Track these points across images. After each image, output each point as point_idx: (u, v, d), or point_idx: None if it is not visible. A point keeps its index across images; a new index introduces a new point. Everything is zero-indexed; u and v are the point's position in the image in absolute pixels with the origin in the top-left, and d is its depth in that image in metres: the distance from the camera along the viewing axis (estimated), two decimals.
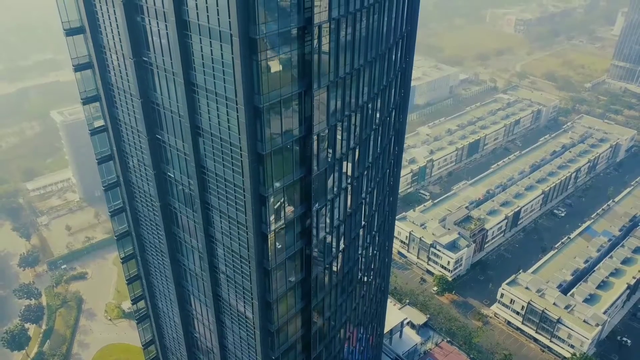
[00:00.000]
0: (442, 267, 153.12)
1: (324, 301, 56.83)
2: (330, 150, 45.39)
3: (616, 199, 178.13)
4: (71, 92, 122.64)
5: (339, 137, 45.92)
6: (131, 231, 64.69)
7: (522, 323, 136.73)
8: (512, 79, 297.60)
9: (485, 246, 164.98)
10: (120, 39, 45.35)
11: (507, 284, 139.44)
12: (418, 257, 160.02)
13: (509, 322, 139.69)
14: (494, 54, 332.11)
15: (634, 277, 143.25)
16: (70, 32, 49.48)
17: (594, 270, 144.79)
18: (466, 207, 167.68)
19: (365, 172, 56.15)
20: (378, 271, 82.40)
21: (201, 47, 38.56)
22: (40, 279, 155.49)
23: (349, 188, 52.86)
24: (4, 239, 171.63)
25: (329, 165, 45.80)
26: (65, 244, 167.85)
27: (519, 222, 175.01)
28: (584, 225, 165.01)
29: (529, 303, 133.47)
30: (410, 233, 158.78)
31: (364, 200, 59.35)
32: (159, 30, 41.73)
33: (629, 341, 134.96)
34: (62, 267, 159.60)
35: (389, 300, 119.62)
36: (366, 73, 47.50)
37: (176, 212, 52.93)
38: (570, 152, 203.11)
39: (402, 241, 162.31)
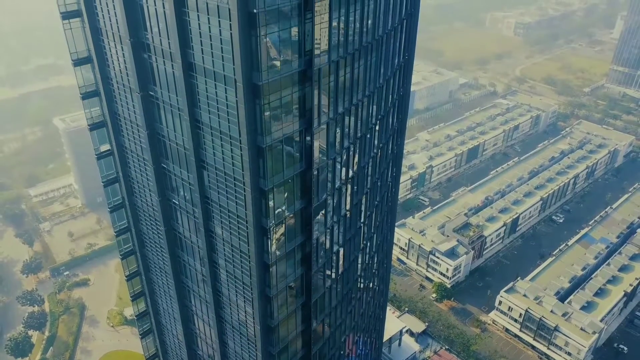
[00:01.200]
0: (441, 274, 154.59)
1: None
2: (330, 180, 46.75)
3: (614, 206, 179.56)
4: (72, 97, 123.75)
5: (338, 166, 47.18)
6: (136, 250, 66.00)
7: (520, 330, 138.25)
8: (512, 83, 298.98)
9: (484, 253, 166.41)
10: (127, 73, 46.89)
11: (505, 291, 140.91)
12: (417, 264, 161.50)
13: (507, 329, 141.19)
14: (494, 58, 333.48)
15: (630, 285, 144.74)
16: (78, 62, 50.99)
17: (592, 278, 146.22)
18: (465, 214, 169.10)
19: (365, 194, 57.04)
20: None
21: (206, 87, 40.09)
22: (43, 286, 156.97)
23: (348, 214, 53.95)
24: (7, 245, 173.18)
25: (328, 194, 47.24)
26: (67, 251, 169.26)
27: (517, 229, 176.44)
28: (582, 232, 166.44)
29: (526, 310, 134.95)
30: (409, 240, 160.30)
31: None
32: (165, 68, 43.28)
33: (625, 348, 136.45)
34: (65, 273, 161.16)
35: (388, 308, 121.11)
36: (364, 107, 48.99)
37: (181, 236, 54.42)
38: (568, 158, 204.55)
39: (401, 248, 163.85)
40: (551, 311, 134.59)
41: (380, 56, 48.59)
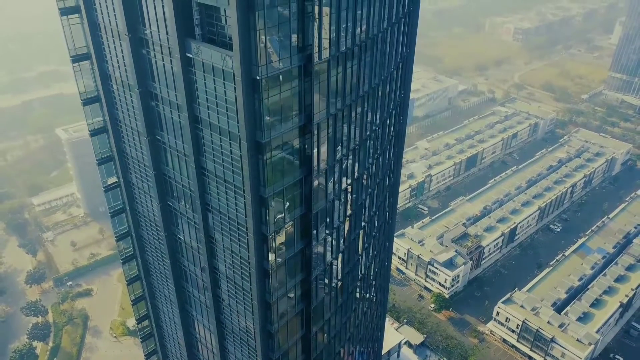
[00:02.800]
0: (440, 284, 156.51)
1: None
2: (329, 221, 48.63)
3: (611, 215, 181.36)
4: (74, 104, 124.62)
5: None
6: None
7: (517, 341, 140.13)
8: (511, 90, 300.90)
9: (482, 263, 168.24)
10: (135, 118, 48.91)
11: (503, 302, 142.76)
12: (416, 274, 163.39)
13: (504, 340, 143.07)
14: (493, 64, 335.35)
15: (626, 296, 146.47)
16: (87, 101, 53.01)
17: (588, 289, 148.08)
18: (463, 224, 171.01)
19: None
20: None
21: (212, 140, 42.09)
22: (47, 296, 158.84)
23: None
24: (10, 255, 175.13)
25: (327, 234, 49.20)
26: (70, 260, 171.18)
27: (515, 238, 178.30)
28: (579, 242, 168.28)
29: (523, 322, 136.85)
30: (408, 250, 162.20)
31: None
32: (172, 117, 45.31)
33: (621, 359, 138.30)
34: (68, 284, 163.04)
35: (387, 319, 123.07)
36: (361, 151, 51.04)
37: (185, 269, 56.43)
38: (566, 166, 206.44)
39: (400, 258, 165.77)
40: (548, 322, 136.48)
41: (374, 112, 49.75)
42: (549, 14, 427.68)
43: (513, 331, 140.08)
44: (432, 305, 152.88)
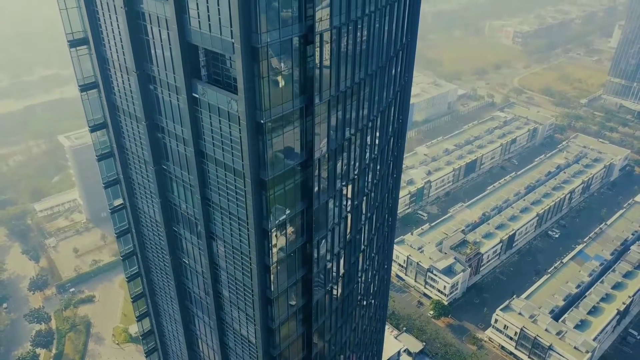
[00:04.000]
0: (439, 291, 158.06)
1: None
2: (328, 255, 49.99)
3: (608, 222, 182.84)
4: (76, 109, 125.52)
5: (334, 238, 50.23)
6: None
7: (516, 348, 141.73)
8: (510, 94, 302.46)
9: (481, 269, 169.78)
10: (142, 148, 50.46)
11: (501, 309, 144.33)
12: (415, 281, 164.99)
13: (502, 347, 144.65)
14: (492, 68, 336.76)
15: (623, 303, 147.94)
16: (94, 128, 54.59)
17: (586, 296, 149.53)
18: (462, 231, 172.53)
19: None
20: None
21: (217, 174, 43.66)
22: (50, 302, 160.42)
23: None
24: (14, 261, 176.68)
25: (328, 261, 50.74)
26: (72, 267, 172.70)
27: (513, 245, 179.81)
28: (577, 249, 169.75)
29: (521, 329, 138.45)
30: (408, 257, 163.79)
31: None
32: (178, 149, 46.88)
33: None
34: (71, 290, 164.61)
35: (386, 327, 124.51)
36: (358, 181, 52.59)
37: (190, 291, 57.99)
38: (564, 172, 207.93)
39: (400, 264, 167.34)
40: (546, 330, 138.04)
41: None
42: (549, 17, 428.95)
43: (511, 338, 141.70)
44: (431, 312, 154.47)
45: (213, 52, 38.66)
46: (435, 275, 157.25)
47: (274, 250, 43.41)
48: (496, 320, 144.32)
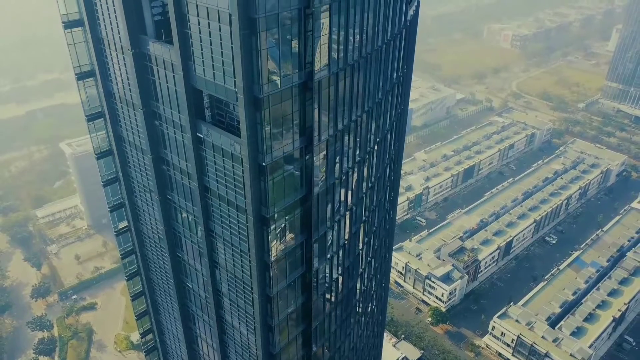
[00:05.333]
0: (437, 297, 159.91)
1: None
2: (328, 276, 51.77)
3: (605, 228, 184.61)
4: (77, 114, 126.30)
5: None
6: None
7: (513, 355, 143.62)
8: (508, 99, 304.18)
9: (479, 276, 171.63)
10: (147, 177, 52.22)
11: (498, 316, 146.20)
12: (414, 287, 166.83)
13: (500, 354, 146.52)
14: (491, 72, 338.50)
15: (619, 310, 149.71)
16: (100, 155, 56.36)
17: (582, 303, 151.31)
18: (460, 238, 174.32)
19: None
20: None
21: (220, 208, 45.41)
22: (52, 309, 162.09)
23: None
24: (16, 268, 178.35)
25: (325, 291, 52.51)
26: (74, 273, 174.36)
27: (511, 251, 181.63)
28: (573, 256, 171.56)
29: (518, 336, 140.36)
30: (406, 264, 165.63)
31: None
32: (182, 182, 48.66)
33: None
34: (73, 297, 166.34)
35: (384, 335, 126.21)
36: (357, 210, 54.55)
37: (193, 314, 59.80)
38: (562, 178, 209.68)
39: (398, 271, 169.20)
40: (542, 337, 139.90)
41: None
42: (547, 20, 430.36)
43: (508, 345, 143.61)
44: (430, 319, 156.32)
45: (217, 97, 40.42)
46: (433, 282, 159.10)
47: (274, 281, 45.19)
48: (493, 328, 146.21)
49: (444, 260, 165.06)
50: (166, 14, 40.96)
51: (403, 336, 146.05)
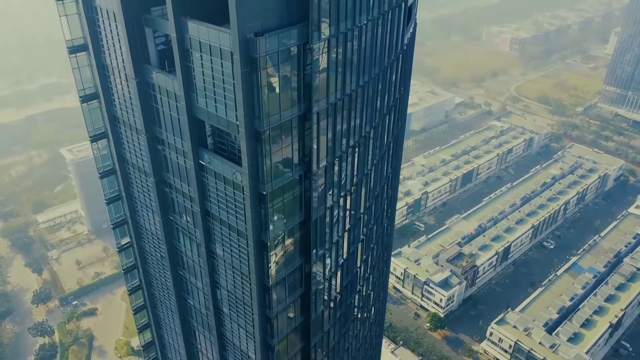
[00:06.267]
0: (435, 303, 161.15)
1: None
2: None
3: (602, 234, 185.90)
4: (77, 119, 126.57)
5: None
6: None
7: None
8: (507, 102, 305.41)
9: (477, 281, 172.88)
10: (150, 199, 53.37)
11: (496, 322, 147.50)
12: (412, 293, 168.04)
13: None
14: (489, 76, 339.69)
15: (616, 316, 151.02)
16: (103, 174, 57.54)
17: (579, 309, 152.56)
18: (458, 244, 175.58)
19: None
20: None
21: (222, 232, 46.57)
22: (53, 315, 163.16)
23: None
24: (17, 274, 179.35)
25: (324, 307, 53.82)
26: (75, 279, 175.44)
27: (509, 256, 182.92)
28: (571, 262, 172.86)
29: (516, 342, 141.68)
30: (405, 270, 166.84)
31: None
32: (184, 205, 49.82)
33: None
34: (73, 303, 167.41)
35: (383, 341, 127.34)
36: (355, 230, 55.85)
37: (194, 329, 61.00)
38: (559, 183, 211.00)
39: (397, 277, 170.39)
40: (539, 343, 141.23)
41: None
42: (546, 23, 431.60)
43: (506, 351, 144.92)
44: (428, 325, 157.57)
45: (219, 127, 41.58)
46: (431, 288, 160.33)
47: (274, 303, 46.45)
48: (491, 334, 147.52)
49: (442, 266, 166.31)
50: (169, 44, 41.99)
51: (401, 342, 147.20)
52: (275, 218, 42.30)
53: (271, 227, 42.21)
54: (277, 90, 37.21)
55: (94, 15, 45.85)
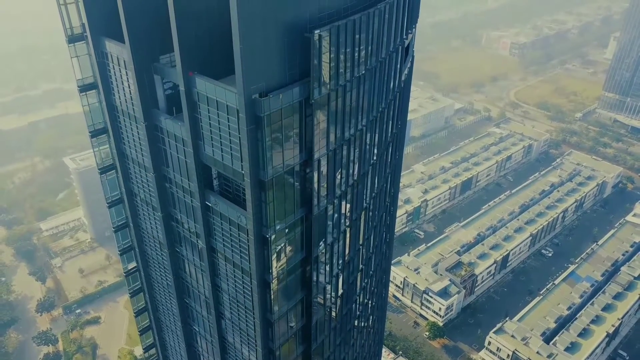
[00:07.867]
0: (434, 312, 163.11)
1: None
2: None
3: (600, 242, 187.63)
4: (79, 125, 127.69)
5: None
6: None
7: None
8: (506, 108, 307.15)
9: (475, 289, 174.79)
10: (157, 231, 55.37)
11: (494, 332, 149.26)
12: (412, 302, 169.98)
13: None
14: (489, 81, 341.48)
15: (613, 325, 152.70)
16: (111, 204, 59.51)
17: (576, 318, 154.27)
18: (457, 252, 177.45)
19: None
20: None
21: (226, 268, 48.63)
22: (57, 324, 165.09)
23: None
24: (21, 282, 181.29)
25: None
26: (78, 287, 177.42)
27: (507, 264, 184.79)
28: (568, 270, 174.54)
29: (514, 352, 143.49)
30: (404, 278, 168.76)
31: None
32: (191, 240, 51.90)
33: None
34: (77, 311, 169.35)
35: (382, 350, 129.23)
36: (355, 260, 57.89)
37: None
38: (558, 191, 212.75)
39: (397, 285, 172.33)
40: (537, 352, 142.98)
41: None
42: (545, 28, 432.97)
43: None
44: (427, 333, 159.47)
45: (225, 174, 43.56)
46: (431, 297, 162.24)
47: (276, 337, 48.50)
48: (489, 343, 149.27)
49: (441, 274, 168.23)
50: (176, 88, 43.95)
51: (401, 352, 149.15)
52: (278, 258, 44.31)
53: (274, 266, 44.19)
54: (281, 143, 39.19)
55: (104, 60, 47.77)
